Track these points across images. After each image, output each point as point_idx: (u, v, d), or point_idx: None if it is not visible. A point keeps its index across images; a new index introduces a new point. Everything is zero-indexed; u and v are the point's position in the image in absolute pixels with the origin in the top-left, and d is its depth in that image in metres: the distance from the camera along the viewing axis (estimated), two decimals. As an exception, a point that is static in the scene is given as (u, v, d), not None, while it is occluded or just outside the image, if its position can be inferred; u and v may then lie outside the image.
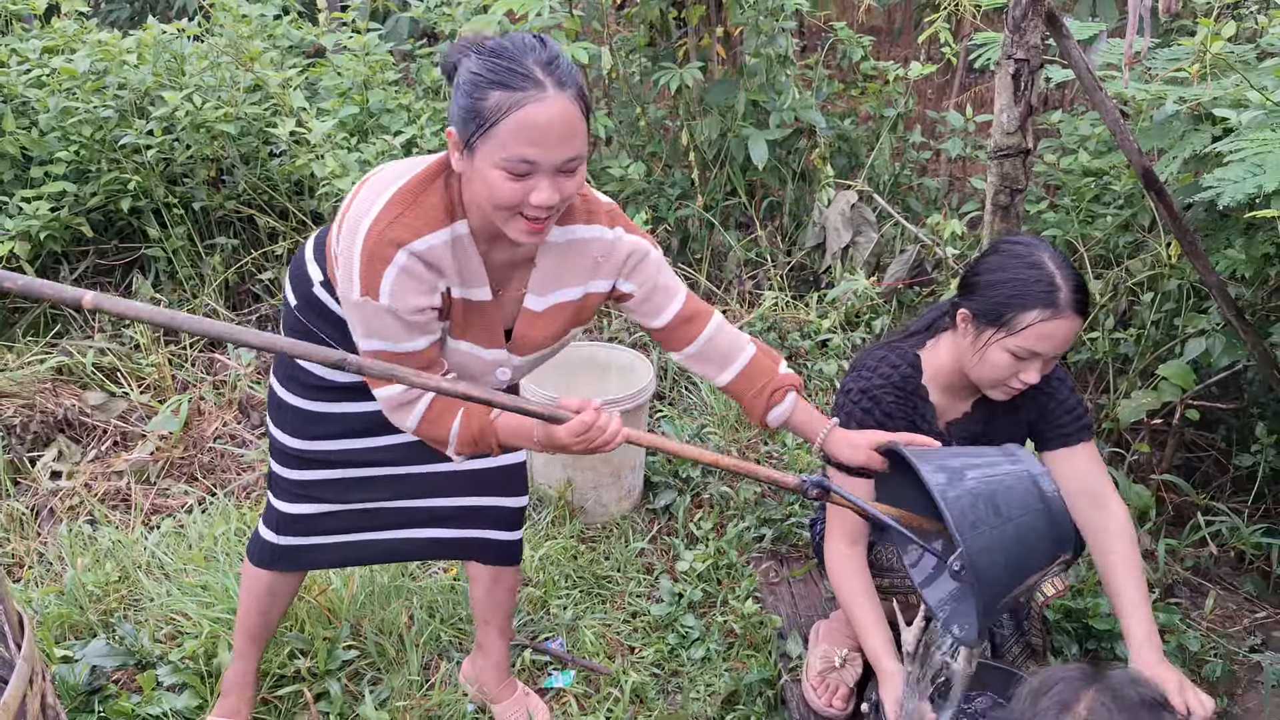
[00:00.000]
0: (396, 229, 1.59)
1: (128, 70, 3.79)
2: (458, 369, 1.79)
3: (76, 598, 2.59)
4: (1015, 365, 1.89)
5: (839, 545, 2.08)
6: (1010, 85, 2.37)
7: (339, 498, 1.99)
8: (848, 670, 2.30)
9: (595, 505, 2.98)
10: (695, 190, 4.00)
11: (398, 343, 1.66)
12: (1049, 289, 1.85)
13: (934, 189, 4.21)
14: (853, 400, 2.05)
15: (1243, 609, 2.68)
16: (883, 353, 2.09)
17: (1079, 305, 1.86)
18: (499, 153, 1.49)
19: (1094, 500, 2.01)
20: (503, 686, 2.32)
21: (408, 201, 1.61)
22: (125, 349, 3.66)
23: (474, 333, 1.75)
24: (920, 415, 2.07)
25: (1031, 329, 1.85)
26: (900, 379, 2.04)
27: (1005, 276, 1.89)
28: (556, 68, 1.50)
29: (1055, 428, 2.06)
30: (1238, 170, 2.24)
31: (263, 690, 2.29)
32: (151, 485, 3.15)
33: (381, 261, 1.59)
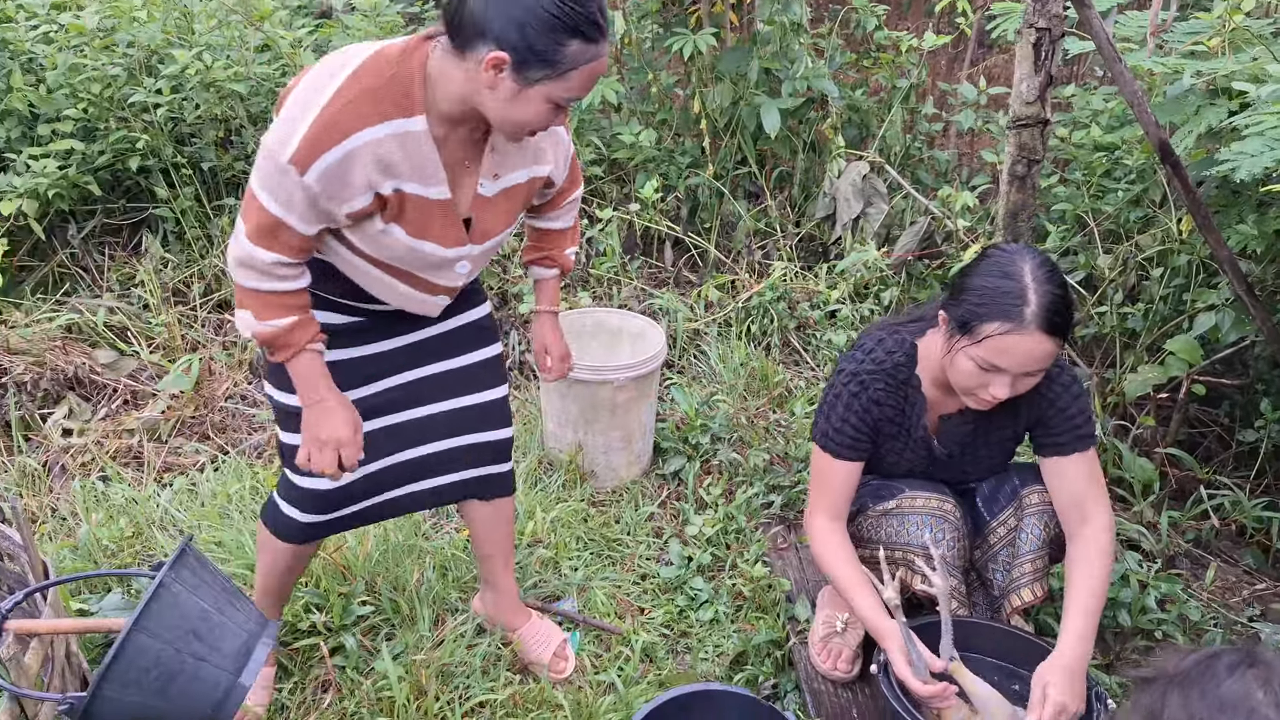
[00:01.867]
0: (349, 114, 1.57)
1: (137, 27, 3.76)
2: (420, 267, 1.80)
3: (91, 552, 2.61)
4: (981, 376, 1.84)
5: (822, 520, 2.10)
6: (1031, 54, 2.37)
7: None
8: (850, 634, 2.33)
9: (605, 470, 3.01)
10: (705, 159, 3.99)
11: (299, 220, 1.64)
12: (1015, 302, 1.77)
13: (945, 161, 4.21)
14: (842, 382, 2.05)
15: (1242, 581, 2.72)
16: (880, 335, 2.08)
17: (1047, 324, 1.76)
18: (560, 93, 1.57)
19: (1080, 515, 1.97)
20: (517, 614, 2.38)
21: (366, 85, 1.59)
22: (135, 308, 3.66)
23: (435, 232, 1.75)
24: (909, 405, 2.07)
25: (990, 340, 1.79)
26: (892, 366, 2.03)
27: (979, 283, 1.84)
28: (605, 13, 1.56)
29: (1051, 435, 2.01)
30: (1256, 144, 2.24)
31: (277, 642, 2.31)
32: (163, 444, 3.16)
33: (330, 140, 1.57)
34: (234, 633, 1.80)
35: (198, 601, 1.78)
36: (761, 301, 3.63)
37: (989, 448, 2.14)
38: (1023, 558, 2.10)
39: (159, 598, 1.72)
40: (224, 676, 1.75)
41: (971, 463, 2.17)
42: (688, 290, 3.93)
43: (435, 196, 1.71)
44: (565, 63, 1.53)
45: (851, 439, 2.05)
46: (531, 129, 1.64)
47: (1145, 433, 3.08)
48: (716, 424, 3.14)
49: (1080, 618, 1.88)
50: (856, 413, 2.03)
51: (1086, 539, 1.96)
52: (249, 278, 1.70)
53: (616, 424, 2.92)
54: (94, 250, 3.89)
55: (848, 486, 2.09)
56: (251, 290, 1.71)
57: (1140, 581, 2.49)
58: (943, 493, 2.12)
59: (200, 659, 1.74)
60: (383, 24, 3.93)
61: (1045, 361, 1.81)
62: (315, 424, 1.82)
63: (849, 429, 2.04)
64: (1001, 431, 2.09)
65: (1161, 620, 2.44)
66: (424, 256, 1.78)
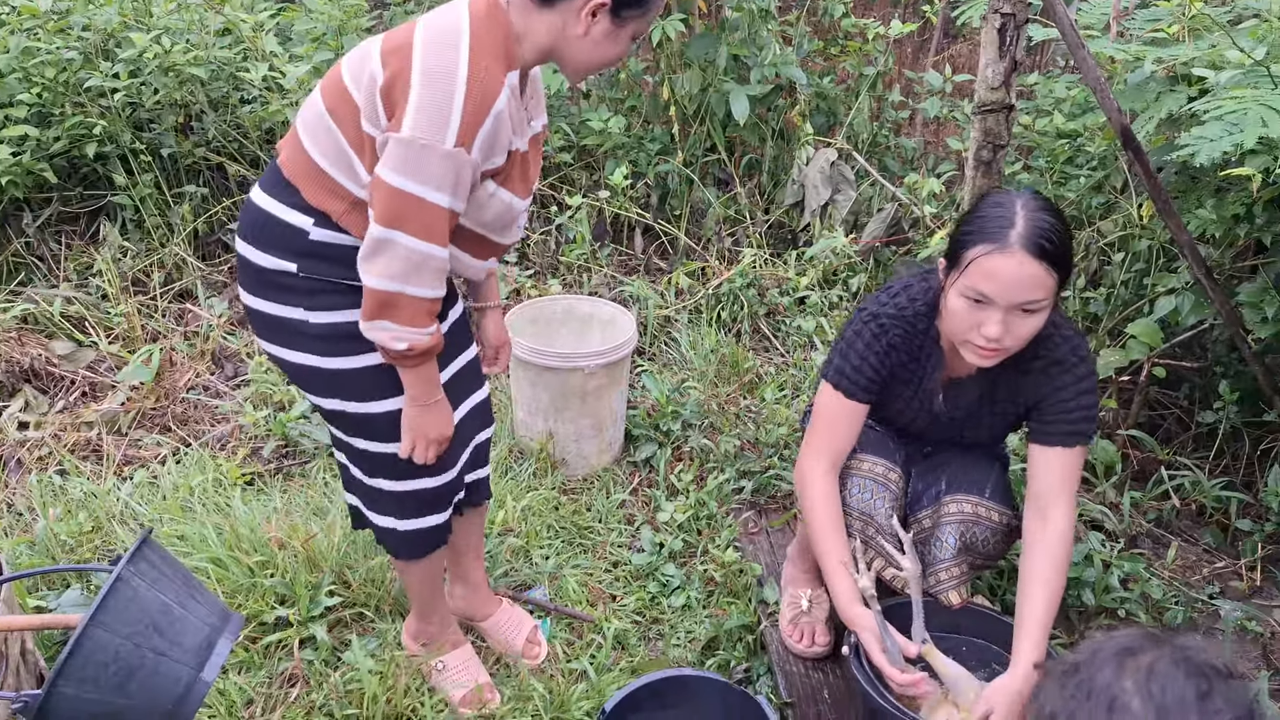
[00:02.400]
0: (491, 80, 1.59)
1: (93, 10, 3.68)
2: (497, 228, 1.81)
3: (49, 548, 2.56)
4: (971, 313, 1.77)
5: (819, 466, 2.02)
6: (995, 40, 2.38)
7: None
8: (816, 610, 2.35)
9: (577, 458, 3.00)
10: (675, 145, 3.98)
11: (456, 200, 1.64)
12: (1001, 225, 1.73)
13: (911, 149, 4.24)
14: (863, 320, 2.00)
15: (1202, 559, 2.77)
16: (909, 280, 2.01)
17: (1033, 246, 1.70)
18: (643, 27, 1.70)
19: (1040, 513, 1.93)
20: (486, 603, 2.37)
21: (487, 48, 1.61)
22: (93, 298, 3.60)
23: (514, 183, 1.76)
24: (925, 355, 2.01)
25: (974, 264, 1.74)
26: (913, 315, 1.97)
27: (971, 216, 1.82)
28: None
29: (1043, 421, 1.95)
30: (1215, 128, 2.26)
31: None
32: (123, 436, 3.11)
33: (485, 112, 1.59)
34: (195, 627, 1.77)
35: (158, 595, 1.75)
36: (731, 288, 3.64)
37: (990, 418, 2.08)
38: (938, 565, 2.07)
39: (117, 592, 1.69)
40: (185, 671, 1.72)
41: (972, 429, 2.12)
42: (658, 277, 3.93)
43: (520, 148, 1.74)
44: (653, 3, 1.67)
45: (868, 380, 1.99)
46: (611, 62, 1.72)
47: (1107, 415, 3.13)
48: (687, 410, 3.14)
49: (1032, 640, 1.85)
50: (877, 354, 1.98)
51: (1042, 547, 1.90)
52: (424, 285, 1.66)
53: (587, 411, 2.91)
54: (50, 239, 3.82)
55: (853, 430, 2.04)
56: (413, 298, 1.66)
57: (1104, 561, 2.53)
58: (891, 460, 2.10)
59: (161, 654, 1.71)
60: (347, 8, 3.88)
61: (1034, 291, 1.72)
62: (429, 423, 1.83)
63: (868, 368, 1.98)
64: (1004, 405, 2.03)
65: (1125, 599, 2.48)
66: (506, 212, 1.79)
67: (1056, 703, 1.09)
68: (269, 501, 2.74)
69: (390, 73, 1.60)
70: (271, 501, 2.73)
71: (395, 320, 1.67)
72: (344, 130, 1.68)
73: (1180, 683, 1.03)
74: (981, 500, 2.07)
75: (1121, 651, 1.08)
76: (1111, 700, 1.04)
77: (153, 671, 1.71)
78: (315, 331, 1.77)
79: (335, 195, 1.71)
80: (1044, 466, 1.94)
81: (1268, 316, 2.60)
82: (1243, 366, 2.92)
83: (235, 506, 2.66)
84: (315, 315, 1.76)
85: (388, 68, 1.60)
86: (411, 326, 1.68)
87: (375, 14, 4.23)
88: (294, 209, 1.73)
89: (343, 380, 1.81)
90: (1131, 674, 1.05)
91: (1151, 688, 1.03)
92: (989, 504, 2.07)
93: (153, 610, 1.74)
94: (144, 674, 1.70)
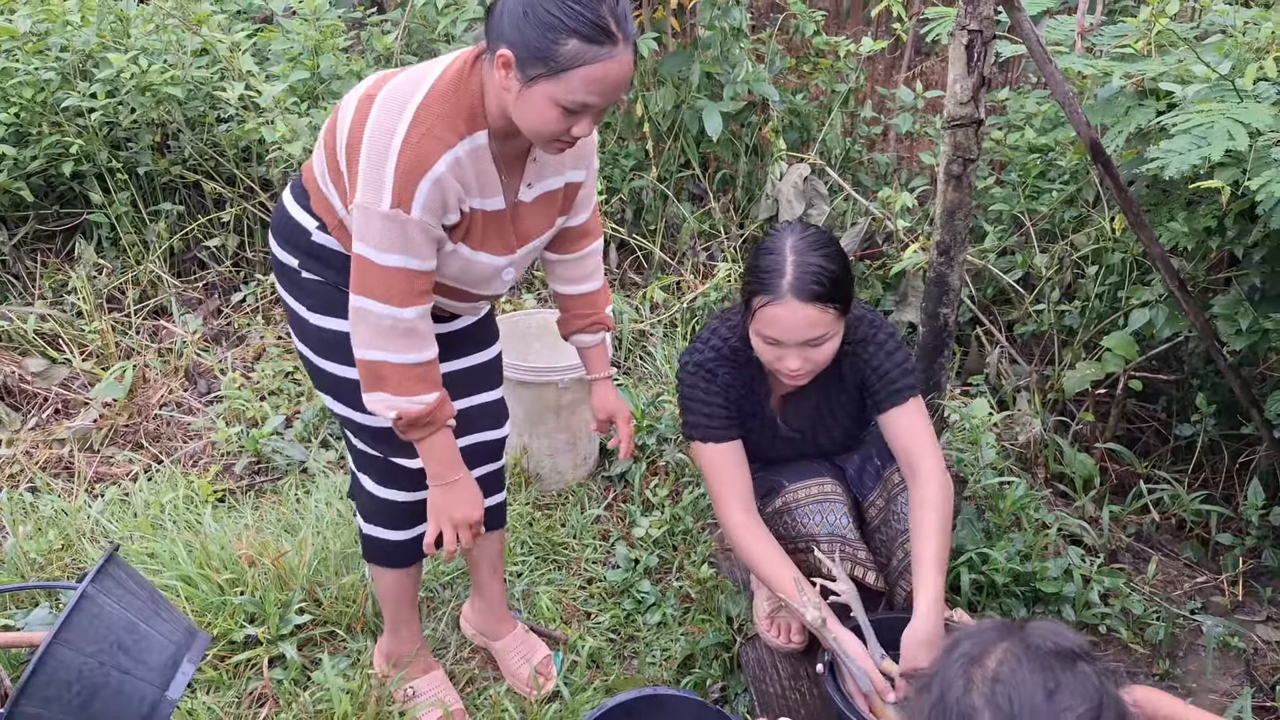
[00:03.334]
0: (429, 142, 1.58)
1: (70, 31, 3.68)
2: (469, 279, 1.80)
3: (18, 566, 2.54)
4: (770, 350, 1.92)
5: (736, 515, 2.08)
6: (964, 56, 2.39)
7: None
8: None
9: (551, 472, 2.98)
10: (649, 162, 3.99)
11: (422, 260, 1.65)
12: (773, 275, 1.87)
13: (884, 164, 4.26)
14: (689, 373, 2.09)
15: (1183, 574, 2.76)
16: (716, 324, 2.13)
17: (805, 293, 1.84)
18: (563, 94, 1.52)
19: (909, 465, 2.03)
20: (501, 624, 2.34)
21: (437, 112, 1.60)
22: (67, 315, 3.58)
23: (490, 243, 1.76)
24: (757, 383, 2.11)
25: (759, 313, 1.89)
26: (730, 351, 2.07)
27: (752, 263, 1.95)
28: (626, 18, 1.52)
29: (873, 395, 2.08)
30: (1183, 141, 2.29)
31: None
32: (95, 453, 3.09)
33: (419, 171, 1.58)
34: (161, 645, 1.75)
35: (123, 613, 1.73)
36: (706, 302, 3.64)
37: (834, 417, 2.19)
38: (902, 537, 2.11)
39: (81, 609, 1.67)
40: (150, 690, 1.70)
41: (824, 435, 2.21)
42: (633, 292, 3.93)
43: (493, 208, 1.73)
44: (562, 61, 1.49)
45: (724, 419, 2.08)
46: (550, 136, 1.59)
47: (1085, 428, 3.13)
48: (663, 424, 3.14)
49: (928, 587, 1.91)
50: (716, 393, 2.07)
51: (918, 496, 1.99)
52: (402, 350, 1.68)
53: (562, 426, 2.90)
54: (26, 257, 3.80)
55: (742, 469, 2.10)
56: (395, 365, 1.68)
57: (1084, 576, 2.52)
58: (819, 474, 2.15)
59: (125, 672, 1.69)
60: (323, 28, 3.88)
61: (812, 329, 1.87)
62: (450, 504, 1.81)
63: (717, 410, 2.07)
64: (839, 398, 2.15)
65: (1105, 614, 2.47)
66: (478, 269, 1.78)
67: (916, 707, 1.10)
68: (240, 518, 2.72)
69: (353, 123, 1.66)
70: (243, 518, 2.71)
71: (386, 390, 1.70)
72: (329, 158, 1.75)
73: (1027, 684, 1.04)
74: None
75: (967, 660, 1.09)
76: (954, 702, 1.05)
77: (117, 690, 1.69)
78: (314, 333, 1.85)
79: (329, 210, 1.79)
80: (894, 429, 2.05)
81: (1242, 329, 2.61)
82: (1219, 379, 2.93)
83: (206, 524, 2.64)
84: (313, 317, 1.84)
85: (358, 113, 1.66)
86: (401, 395, 1.70)
87: (352, 34, 4.24)
88: (304, 210, 1.83)
89: (338, 384, 1.87)
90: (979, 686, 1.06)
91: (999, 699, 1.04)
92: None
93: (118, 628, 1.72)
94: (108, 693, 1.68)
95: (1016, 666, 1.06)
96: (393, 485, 1.96)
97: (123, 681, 1.69)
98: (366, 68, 3.86)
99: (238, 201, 3.85)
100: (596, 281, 2.10)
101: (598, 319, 2.13)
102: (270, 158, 3.61)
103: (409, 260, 1.63)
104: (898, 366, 2.06)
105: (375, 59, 4.08)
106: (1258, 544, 2.76)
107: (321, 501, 2.75)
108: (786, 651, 2.31)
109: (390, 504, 1.99)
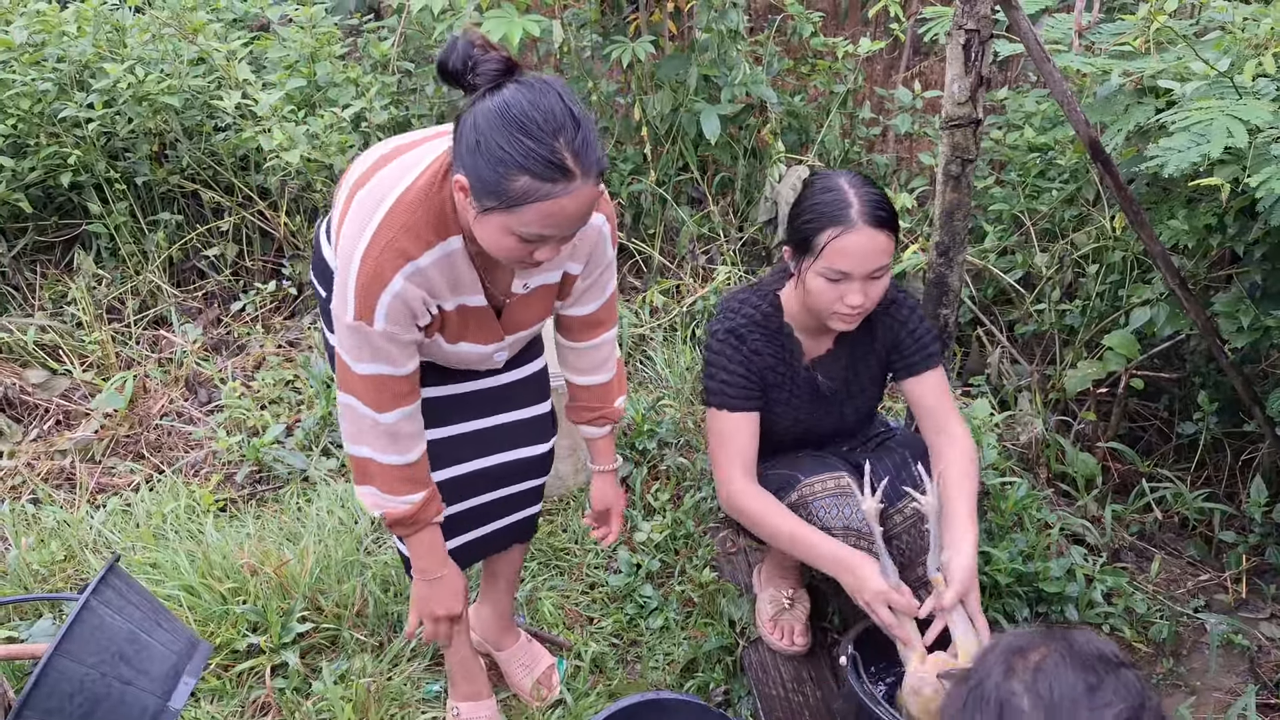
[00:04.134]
0: (390, 253, 1.56)
1: (67, 42, 3.68)
2: (457, 361, 1.80)
3: (21, 577, 2.53)
4: (833, 289, 1.93)
5: (737, 479, 2.07)
6: (961, 56, 2.38)
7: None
8: (798, 608, 2.37)
9: (552, 478, 2.96)
10: (648, 165, 3.99)
11: (396, 366, 1.65)
12: (840, 208, 1.89)
13: (883, 165, 4.25)
14: (719, 340, 2.09)
15: (1186, 573, 2.75)
16: (745, 294, 2.14)
17: (874, 218, 1.88)
18: (516, 226, 1.47)
19: (937, 426, 2.08)
20: (506, 634, 2.33)
21: (401, 223, 1.58)
22: (67, 326, 3.58)
23: (471, 334, 1.75)
24: (788, 352, 2.13)
25: (828, 247, 1.90)
26: (762, 317, 2.09)
27: (806, 205, 1.96)
28: (587, 151, 1.44)
29: (904, 357, 2.12)
30: (1182, 139, 2.28)
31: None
32: (96, 464, 3.08)
33: (378, 285, 1.57)
34: (163, 655, 1.75)
35: (124, 623, 1.73)
36: (706, 305, 3.64)
37: (860, 382, 2.21)
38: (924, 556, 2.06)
39: (83, 620, 1.67)
40: (152, 701, 1.70)
41: (851, 398, 2.22)
42: (633, 296, 3.92)
43: (473, 305, 1.72)
44: (513, 196, 1.44)
45: (744, 389, 2.08)
46: (512, 261, 1.56)
47: (1087, 428, 3.12)
48: (663, 429, 3.13)
49: (968, 533, 1.92)
50: (741, 363, 2.07)
51: (950, 454, 2.03)
52: (378, 449, 1.69)
53: (563, 432, 2.88)
54: (25, 268, 3.80)
55: (753, 440, 2.10)
56: (380, 465, 1.69)
57: (1086, 575, 2.52)
58: (836, 469, 2.13)
59: (127, 683, 1.68)
60: (320, 36, 3.88)
61: (882, 257, 1.91)
62: (432, 599, 1.83)
63: (739, 379, 2.07)
64: (867, 362, 2.18)
65: (1109, 614, 2.46)
66: (463, 355, 1.78)
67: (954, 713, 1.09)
68: (242, 527, 2.71)
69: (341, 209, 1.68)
70: (245, 527, 2.71)
71: (374, 486, 1.72)
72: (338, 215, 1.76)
73: (1069, 678, 1.04)
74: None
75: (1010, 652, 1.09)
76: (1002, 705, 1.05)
77: (119, 701, 1.68)
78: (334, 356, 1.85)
79: None
80: (923, 393, 2.11)
81: (1243, 326, 2.60)
82: (1221, 377, 2.92)
83: (208, 533, 2.64)
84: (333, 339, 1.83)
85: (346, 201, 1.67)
86: (388, 494, 1.72)
87: (349, 41, 4.24)
88: (330, 248, 1.82)
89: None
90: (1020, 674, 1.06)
91: (1039, 686, 1.04)
92: None
93: (119, 639, 1.72)
94: (110, 704, 1.67)
95: (1060, 661, 1.07)
96: None
97: (125, 692, 1.69)
98: (364, 75, 3.86)
99: (236, 210, 3.85)
100: (607, 373, 2.03)
101: (605, 414, 2.06)
102: (268, 166, 3.61)
103: (381, 367, 1.63)
104: (929, 331, 2.13)
105: (372, 66, 4.08)
106: (1261, 541, 2.75)
107: (323, 509, 2.74)
108: (789, 654, 2.31)
109: None
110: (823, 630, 2.42)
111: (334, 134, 3.52)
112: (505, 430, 1.97)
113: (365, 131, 3.74)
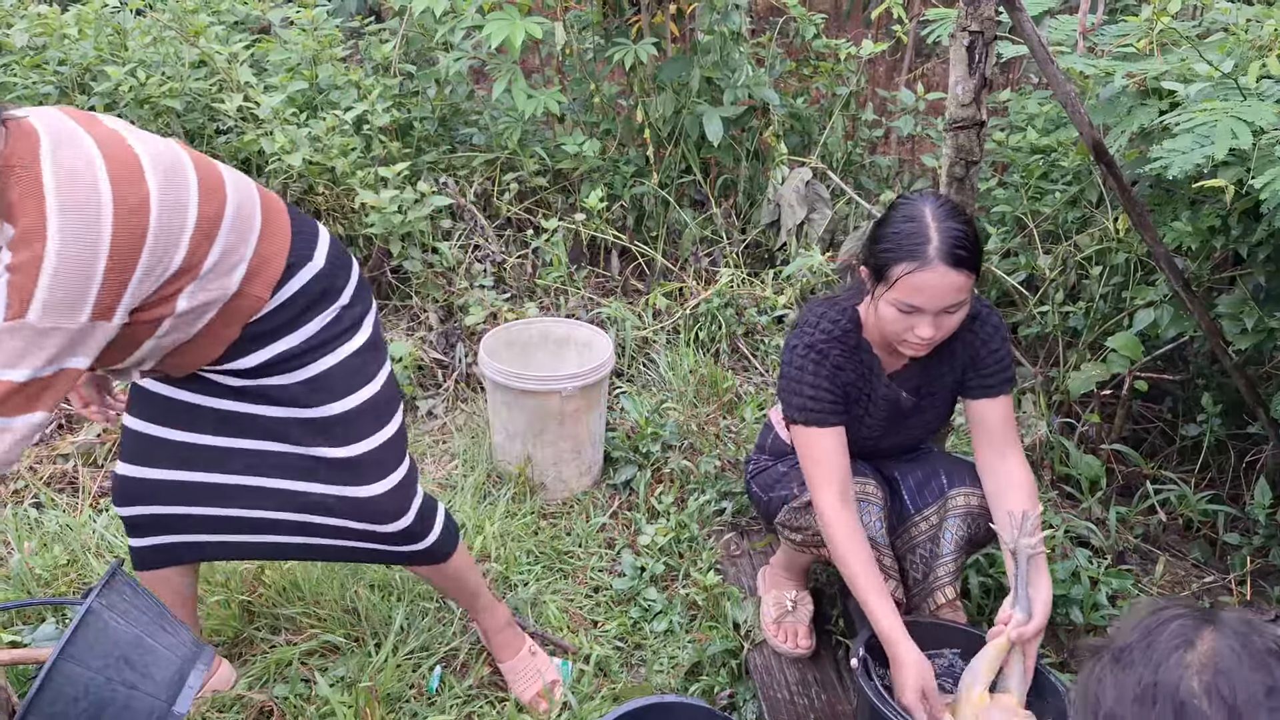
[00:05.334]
0: None
1: (68, 44, 3.68)
2: None
3: (24, 582, 2.52)
4: (904, 320, 1.89)
5: (832, 504, 2.01)
6: (965, 57, 2.38)
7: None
8: (801, 611, 2.37)
9: (555, 481, 2.97)
10: (650, 168, 3.99)
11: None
12: (918, 241, 1.84)
13: (886, 167, 4.25)
14: (800, 355, 2.06)
15: (1191, 574, 2.75)
16: (823, 309, 2.11)
17: (951, 257, 1.82)
18: None
19: (999, 452, 2.05)
20: (503, 646, 2.30)
21: None
22: (68, 330, 3.56)
23: None
24: (868, 368, 2.10)
25: (902, 281, 1.85)
26: (842, 333, 2.06)
27: (887, 231, 1.91)
28: None
29: (981, 376, 2.08)
30: (1186, 141, 2.28)
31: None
32: (99, 468, 3.08)
33: None
34: (167, 659, 1.74)
35: (129, 628, 1.72)
36: (709, 308, 3.63)
37: (933, 398, 2.17)
38: (945, 557, 2.11)
39: (87, 625, 1.66)
40: (157, 705, 1.69)
41: (921, 413, 2.19)
42: (635, 299, 3.92)
43: None
44: None
45: (831, 404, 2.04)
46: None
47: (1090, 430, 3.11)
48: (667, 431, 3.13)
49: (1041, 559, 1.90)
50: (825, 378, 2.04)
51: (1014, 478, 2.01)
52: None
53: (565, 434, 2.89)
54: (26, 273, 3.78)
55: (842, 456, 2.06)
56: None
57: (1091, 578, 2.51)
58: (863, 473, 2.13)
59: (132, 687, 1.68)
60: (321, 38, 3.88)
61: (958, 295, 1.85)
62: None
63: (825, 394, 2.04)
64: (943, 380, 2.13)
65: (1114, 616, 2.46)
66: None
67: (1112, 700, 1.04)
68: (245, 532, 2.70)
69: None
70: (248, 532, 2.70)
71: None
72: None
73: (1247, 679, 1.00)
74: (975, 490, 2.12)
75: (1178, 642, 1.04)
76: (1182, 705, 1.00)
77: (124, 706, 1.67)
78: None
79: None
80: (991, 416, 2.07)
81: (1247, 328, 2.60)
82: (1224, 379, 2.92)
83: (210, 538, 2.62)
84: None
85: None
86: None
87: (350, 43, 4.23)
88: None
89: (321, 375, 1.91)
90: (1197, 673, 1.01)
91: (1221, 689, 1.00)
92: (982, 494, 2.11)
93: (124, 643, 1.71)
94: (115, 708, 1.67)
95: (1235, 660, 1.01)
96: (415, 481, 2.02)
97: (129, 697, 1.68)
98: (365, 77, 3.86)
99: (238, 213, 3.84)
100: None
101: None
102: (270, 169, 3.60)
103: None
104: (1010, 354, 2.09)
105: (374, 68, 4.08)
106: (1265, 543, 2.74)
107: (326, 513, 2.73)
108: (794, 657, 2.31)
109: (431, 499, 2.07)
110: (827, 633, 2.42)
111: (336, 137, 3.52)
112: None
113: (367, 134, 3.74)
